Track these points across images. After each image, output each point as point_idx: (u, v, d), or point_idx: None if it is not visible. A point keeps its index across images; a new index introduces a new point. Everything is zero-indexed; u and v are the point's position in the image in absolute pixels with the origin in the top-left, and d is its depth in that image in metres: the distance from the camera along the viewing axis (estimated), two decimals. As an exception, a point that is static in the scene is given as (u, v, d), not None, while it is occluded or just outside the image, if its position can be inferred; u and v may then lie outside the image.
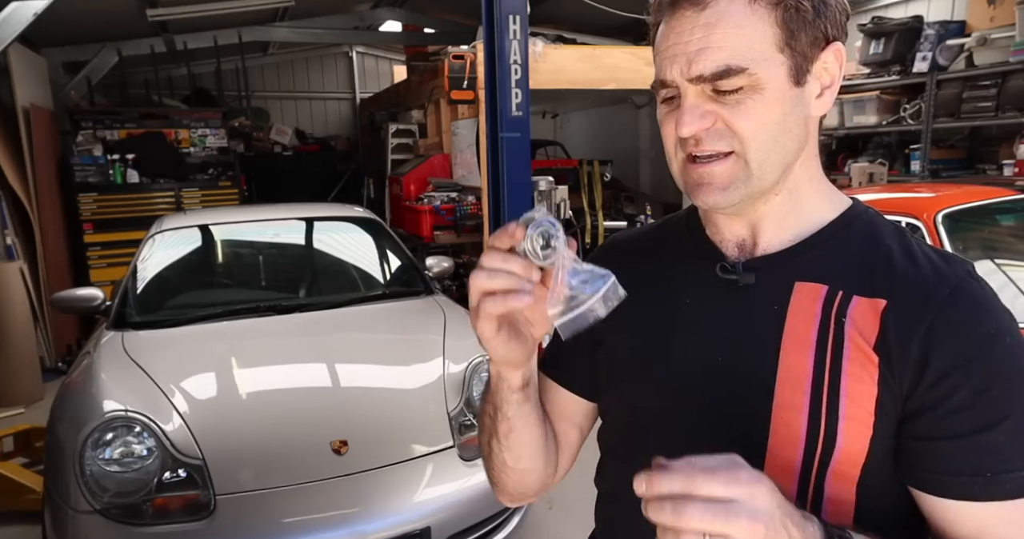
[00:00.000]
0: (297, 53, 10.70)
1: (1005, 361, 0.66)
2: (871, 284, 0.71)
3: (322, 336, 3.03)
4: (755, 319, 0.75)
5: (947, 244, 2.72)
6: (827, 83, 0.72)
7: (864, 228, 0.76)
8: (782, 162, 0.71)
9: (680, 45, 0.68)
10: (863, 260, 0.73)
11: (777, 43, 0.67)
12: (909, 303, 0.69)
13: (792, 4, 0.67)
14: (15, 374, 4.60)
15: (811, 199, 0.77)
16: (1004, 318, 0.69)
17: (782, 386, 0.71)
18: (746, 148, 0.69)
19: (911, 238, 0.76)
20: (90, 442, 2.17)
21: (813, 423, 0.69)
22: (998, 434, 0.64)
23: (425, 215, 6.08)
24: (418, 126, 8.21)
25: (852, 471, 0.70)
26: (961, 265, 0.72)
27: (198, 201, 6.46)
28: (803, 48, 0.68)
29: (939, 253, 0.74)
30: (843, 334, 0.70)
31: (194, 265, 3.69)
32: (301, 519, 2.13)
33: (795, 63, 0.68)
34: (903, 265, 0.72)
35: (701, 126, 0.69)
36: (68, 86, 6.98)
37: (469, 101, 5.45)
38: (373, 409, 2.55)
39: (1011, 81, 4.39)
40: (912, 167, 5.15)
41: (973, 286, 0.70)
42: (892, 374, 0.68)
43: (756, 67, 0.66)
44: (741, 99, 0.67)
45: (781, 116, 0.69)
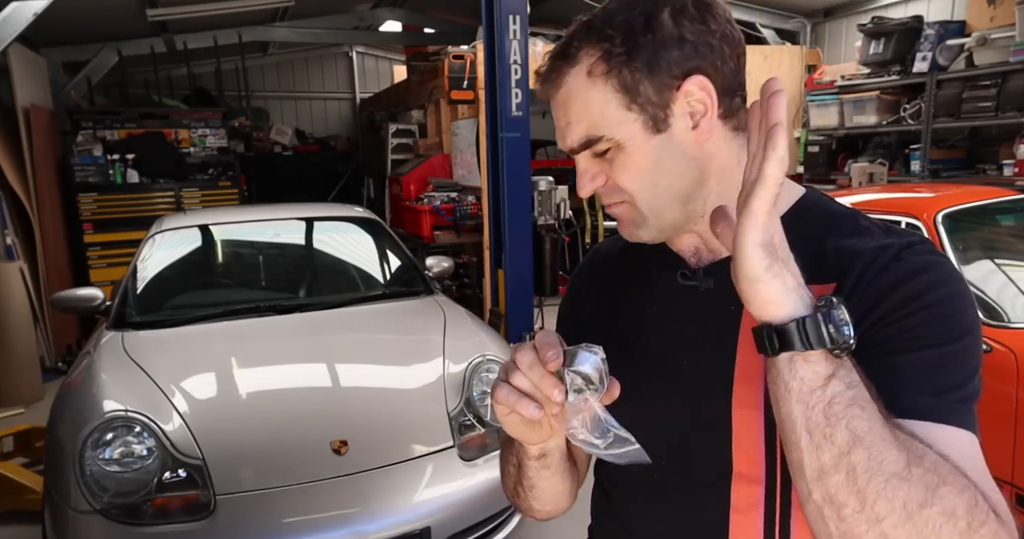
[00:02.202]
0: (297, 53, 10.70)
1: (939, 307, 0.67)
2: (822, 271, 0.71)
3: (322, 336, 3.03)
4: (715, 320, 0.77)
5: (947, 244, 2.72)
6: (701, 111, 0.72)
7: (816, 219, 0.77)
8: (675, 200, 0.75)
9: (557, 120, 0.76)
10: (811, 252, 0.73)
11: (623, 105, 0.71)
12: (855, 276, 0.70)
13: (620, 68, 0.70)
14: (15, 374, 4.61)
15: None
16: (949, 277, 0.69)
17: (739, 382, 0.74)
18: (634, 198, 0.75)
19: (863, 221, 0.76)
20: (90, 442, 2.17)
21: (769, 418, 0.71)
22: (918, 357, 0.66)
23: (425, 215, 6.08)
24: (418, 126, 8.22)
25: None
26: (907, 236, 0.73)
27: (198, 201, 6.46)
28: (650, 100, 0.71)
29: (889, 229, 0.75)
30: None
31: (194, 265, 3.69)
32: (301, 519, 2.13)
33: (648, 115, 0.71)
34: (851, 245, 0.72)
35: (593, 187, 0.77)
36: (68, 86, 6.98)
37: (469, 101, 5.46)
38: (373, 409, 2.55)
39: (1011, 81, 4.39)
40: (912, 167, 5.15)
41: (914, 251, 0.71)
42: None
43: (611, 131, 0.72)
44: (613, 157, 0.74)
45: (652, 165, 0.73)
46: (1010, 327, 2.50)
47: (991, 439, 2.58)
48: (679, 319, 0.82)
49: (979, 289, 2.67)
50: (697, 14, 0.70)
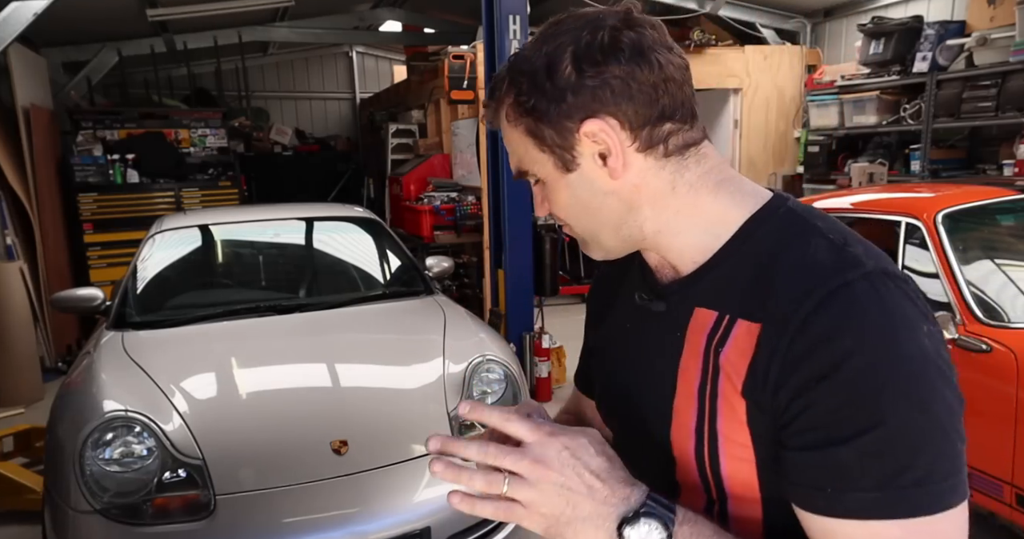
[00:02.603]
0: (297, 53, 10.70)
1: (859, 382, 0.61)
2: (754, 305, 0.69)
3: (322, 336, 3.03)
4: (663, 345, 0.78)
5: (947, 244, 2.72)
6: (607, 151, 0.73)
7: (765, 235, 0.73)
8: (604, 228, 0.78)
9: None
10: (752, 278, 0.71)
11: (534, 146, 0.75)
12: (776, 323, 0.66)
13: (525, 115, 0.73)
14: (15, 374, 4.61)
15: (698, 223, 0.76)
16: (874, 331, 0.63)
17: (677, 412, 0.75)
18: (568, 225, 0.81)
19: (815, 241, 0.70)
20: (90, 442, 2.17)
21: (699, 451, 0.73)
22: (845, 451, 0.61)
23: (425, 215, 6.08)
24: (418, 126, 8.22)
25: (749, 493, 0.71)
26: (847, 271, 0.66)
27: (198, 201, 6.46)
28: (555, 142, 0.73)
29: (839, 255, 0.68)
30: (718, 365, 0.71)
31: (194, 265, 3.69)
32: (301, 519, 2.13)
33: (557, 156, 0.74)
34: (784, 278, 0.68)
35: (544, 210, 0.81)
36: (68, 86, 6.98)
37: (469, 101, 5.45)
38: (373, 409, 2.55)
39: (1011, 81, 4.38)
40: (912, 167, 5.15)
41: (848, 292, 0.64)
42: (764, 405, 0.67)
43: (532, 167, 0.77)
44: (543, 189, 0.79)
45: (571, 199, 0.77)
46: (1010, 327, 2.50)
47: (991, 439, 2.59)
48: (635, 340, 0.85)
49: (979, 289, 2.67)
50: (600, 56, 0.70)
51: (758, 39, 6.60)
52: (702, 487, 0.74)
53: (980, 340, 2.48)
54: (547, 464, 0.64)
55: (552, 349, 4.52)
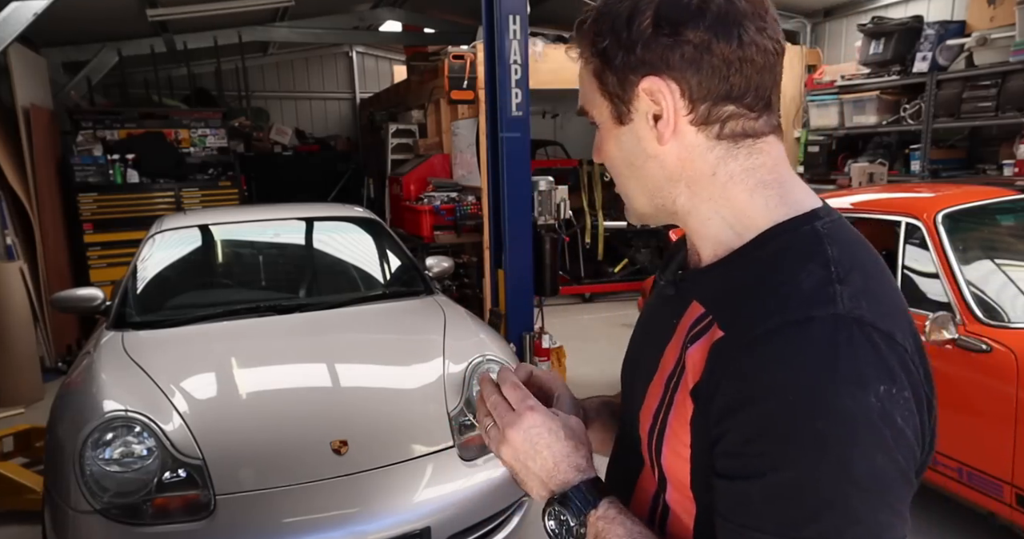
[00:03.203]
0: (297, 53, 10.70)
1: (779, 420, 0.60)
2: (730, 311, 0.69)
3: (322, 336, 3.03)
4: (661, 328, 0.79)
5: (947, 244, 2.72)
6: (660, 113, 0.72)
7: (775, 250, 0.71)
8: (640, 190, 0.78)
9: None
10: (743, 286, 0.70)
11: (599, 90, 0.76)
12: (731, 338, 0.66)
13: (596, 56, 0.74)
14: (15, 374, 4.61)
15: (724, 217, 0.74)
16: (812, 374, 0.60)
17: (649, 394, 0.78)
18: (612, 176, 0.81)
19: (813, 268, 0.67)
20: (90, 442, 2.17)
21: (651, 437, 0.76)
22: (752, 488, 0.61)
23: (425, 215, 6.08)
24: (418, 126, 8.22)
25: (683, 489, 0.73)
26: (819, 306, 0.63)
27: (198, 201, 6.46)
28: (615, 91, 0.74)
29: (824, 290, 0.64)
30: (684, 364, 0.72)
31: (194, 265, 3.69)
32: (301, 519, 2.13)
33: (614, 105, 0.75)
34: (761, 295, 0.67)
35: (597, 157, 0.82)
36: (68, 86, 6.98)
37: (469, 101, 5.46)
38: (373, 409, 2.55)
39: (1011, 81, 4.39)
40: (912, 167, 5.15)
41: (794, 334, 0.62)
42: (705, 413, 0.67)
43: (591, 109, 0.78)
44: (598, 134, 0.80)
45: (617, 152, 0.77)
46: (1010, 327, 2.50)
47: (991, 439, 2.59)
48: (648, 318, 0.89)
49: (979, 289, 2.67)
50: (682, 17, 0.68)
51: (758, 39, 6.59)
52: (653, 470, 0.77)
53: (980, 340, 2.48)
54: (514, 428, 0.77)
55: (552, 349, 4.52)
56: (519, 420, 0.77)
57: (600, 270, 7.40)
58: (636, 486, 0.81)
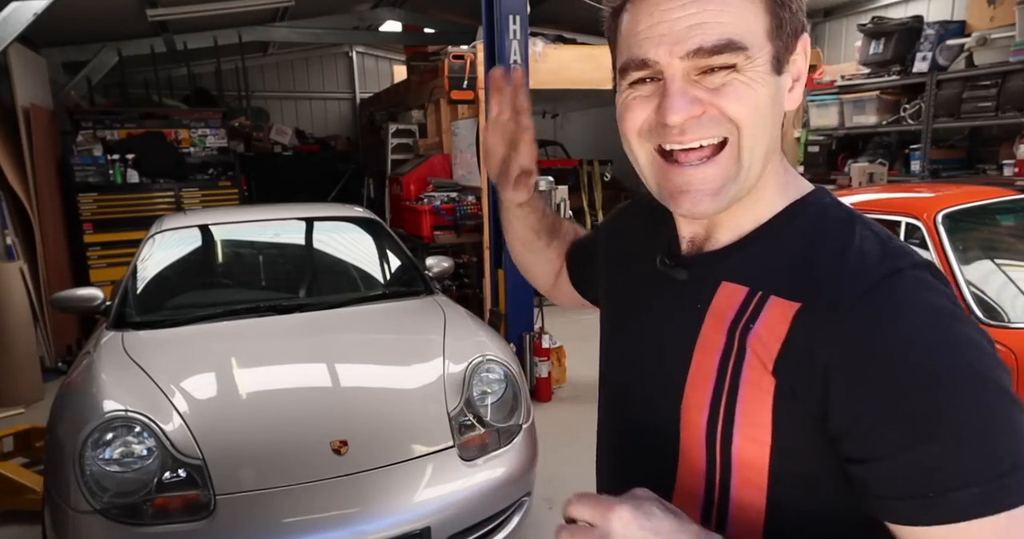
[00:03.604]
0: (297, 53, 10.70)
1: (935, 369, 0.58)
2: (792, 284, 0.67)
3: (322, 336, 3.03)
4: (679, 316, 0.75)
5: (947, 244, 2.72)
6: (796, 76, 0.70)
7: (809, 221, 0.71)
8: (765, 153, 0.69)
9: (667, 23, 0.64)
10: (793, 257, 0.69)
11: (766, 30, 0.65)
12: (820, 305, 0.63)
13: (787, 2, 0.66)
14: (15, 374, 4.60)
15: (771, 191, 0.73)
16: (936, 319, 0.60)
17: (690, 385, 0.72)
18: (741, 134, 0.66)
19: (860, 230, 0.68)
20: (90, 442, 2.17)
21: (711, 428, 0.69)
22: (931, 449, 0.57)
23: (425, 215, 6.08)
24: (418, 126, 8.21)
25: (758, 479, 0.68)
26: (897, 259, 0.64)
27: (198, 201, 6.46)
28: (785, 38, 0.67)
29: (885, 246, 0.66)
30: (747, 341, 0.67)
31: (194, 265, 3.69)
32: (301, 519, 2.12)
33: (777, 52, 0.67)
34: (829, 260, 0.66)
35: (692, 112, 0.65)
36: (68, 86, 6.98)
37: (469, 101, 5.45)
38: (373, 409, 2.55)
39: (1011, 81, 4.39)
40: (912, 167, 5.15)
41: (896, 284, 0.62)
42: (796, 388, 0.63)
43: (752, 49, 0.64)
44: (728, 81, 0.65)
45: (768, 101, 0.67)
46: (1010, 327, 2.50)
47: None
48: (652, 305, 0.80)
49: (979, 289, 2.67)
50: None
51: (758, 39, 6.59)
52: (706, 464, 0.71)
53: (980, 340, 2.47)
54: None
55: (552, 349, 4.52)
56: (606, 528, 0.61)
57: (600, 270, 7.38)
58: (676, 489, 0.74)
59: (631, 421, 0.82)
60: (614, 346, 0.89)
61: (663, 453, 0.75)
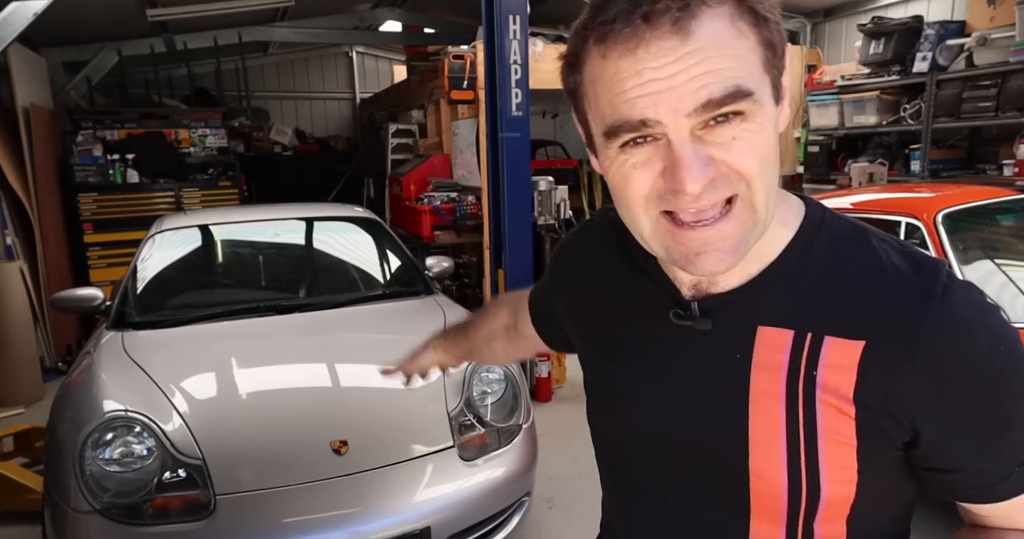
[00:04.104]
0: (297, 53, 10.70)
1: (1005, 370, 0.63)
2: (844, 320, 0.65)
3: (322, 336, 3.03)
4: (718, 369, 0.70)
5: (947, 244, 2.72)
6: (783, 95, 0.65)
7: (825, 246, 0.68)
8: (774, 192, 0.64)
9: (663, 80, 0.57)
10: (830, 290, 0.66)
11: (763, 63, 0.60)
12: (889, 341, 0.63)
13: (772, 20, 0.60)
14: (15, 374, 4.60)
15: (776, 226, 0.69)
16: (992, 321, 0.64)
17: (756, 444, 0.68)
18: (752, 189, 0.61)
19: (876, 245, 0.68)
20: (90, 442, 2.17)
21: (794, 481, 0.67)
22: (1013, 437, 0.64)
23: (425, 215, 6.08)
24: (418, 126, 8.21)
25: (841, 511, 0.70)
26: (933, 273, 0.65)
27: (198, 201, 6.46)
28: (780, 64, 0.62)
29: (908, 259, 0.66)
30: (815, 388, 0.65)
31: (194, 265, 3.69)
32: (301, 519, 2.12)
33: (774, 80, 0.62)
34: (875, 290, 0.65)
35: (709, 176, 0.59)
36: (68, 86, 6.97)
37: (469, 101, 5.45)
38: (373, 409, 2.55)
39: (1011, 81, 4.38)
40: (912, 167, 5.15)
41: (952, 302, 0.63)
42: (883, 425, 0.64)
43: (758, 91, 0.59)
44: (737, 134, 0.59)
45: (775, 142, 0.62)
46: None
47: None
48: (675, 359, 0.74)
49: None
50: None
51: (758, 39, 6.59)
52: (786, 514, 0.69)
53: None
54: None
55: (552, 349, 4.51)
56: None
57: (600, 270, 7.38)
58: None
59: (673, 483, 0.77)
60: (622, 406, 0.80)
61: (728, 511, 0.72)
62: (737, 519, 0.72)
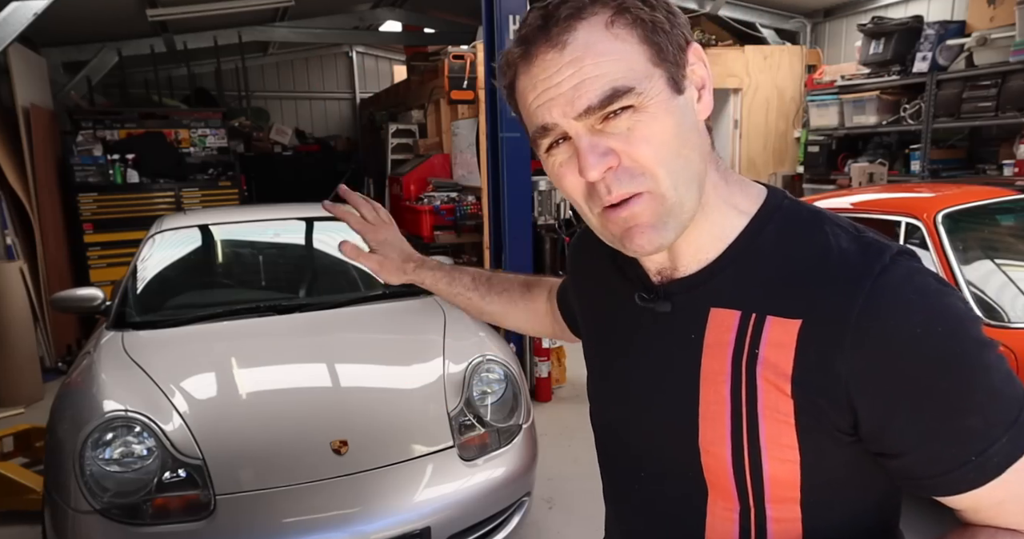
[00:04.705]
0: (297, 53, 10.70)
1: (945, 350, 0.62)
2: (785, 301, 0.67)
3: (322, 336, 3.03)
4: (675, 349, 0.75)
5: (947, 244, 2.72)
6: (700, 84, 0.70)
7: (777, 230, 0.72)
8: (693, 176, 0.68)
9: (552, 89, 0.66)
10: (776, 272, 0.69)
11: (649, 58, 0.66)
12: (823, 319, 0.64)
13: (647, 18, 0.66)
14: (15, 374, 4.60)
15: (719, 208, 0.73)
16: (933, 303, 0.63)
17: (704, 419, 0.72)
18: (657, 180, 0.66)
19: (830, 230, 0.69)
20: (90, 442, 2.17)
21: (737, 456, 0.70)
22: (966, 419, 0.62)
23: (425, 215, 6.09)
24: (418, 126, 8.22)
25: (791, 493, 0.70)
26: (879, 255, 0.66)
27: (198, 201, 6.46)
28: (673, 56, 0.67)
29: (859, 242, 0.68)
30: (755, 369, 0.68)
31: (194, 265, 3.69)
32: (301, 519, 2.12)
33: (671, 73, 0.67)
34: (816, 271, 0.67)
35: (607, 164, 0.66)
36: (68, 86, 6.97)
37: (469, 101, 5.45)
38: (373, 409, 2.55)
39: (1011, 81, 4.39)
40: (912, 167, 5.15)
41: (890, 280, 0.64)
42: (819, 404, 0.65)
43: (640, 85, 0.64)
44: (631, 125, 0.65)
45: (676, 128, 0.66)
46: (1010, 327, 2.50)
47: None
48: (641, 340, 0.80)
49: (979, 289, 2.67)
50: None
51: (758, 39, 6.60)
52: (736, 490, 0.72)
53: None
54: None
55: (552, 349, 4.52)
56: None
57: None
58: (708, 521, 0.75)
59: (644, 460, 0.81)
60: (604, 389, 0.87)
61: (688, 486, 0.75)
62: (696, 495, 0.75)
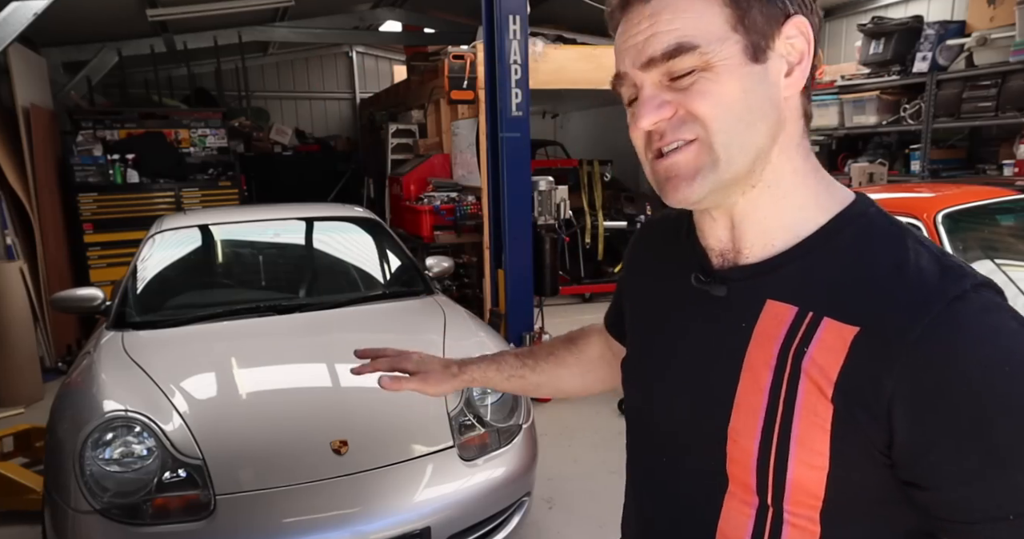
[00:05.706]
0: (297, 53, 10.70)
1: (1010, 393, 0.58)
2: (847, 305, 0.65)
3: (322, 336, 3.03)
4: (723, 334, 0.73)
5: (947, 244, 2.72)
6: (795, 60, 0.68)
7: (856, 234, 0.69)
8: (751, 144, 0.67)
9: (630, 39, 0.69)
10: (842, 275, 0.67)
11: (729, 22, 0.65)
12: (882, 332, 0.62)
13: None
14: (15, 374, 4.60)
15: (797, 196, 0.71)
16: (1005, 342, 0.60)
17: (738, 409, 0.70)
18: (709, 131, 0.67)
19: (912, 246, 0.67)
20: (90, 442, 2.17)
21: (764, 451, 0.68)
22: (1018, 474, 0.58)
23: (425, 215, 6.08)
24: (418, 126, 8.21)
25: (812, 501, 0.67)
26: (959, 280, 0.62)
27: (198, 201, 6.46)
28: (758, 25, 0.66)
29: (941, 263, 0.65)
30: (800, 367, 0.66)
31: (194, 265, 3.69)
32: (301, 519, 2.12)
33: (751, 41, 0.66)
34: (887, 282, 0.64)
35: (660, 116, 0.68)
36: (68, 86, 6.98)
37: (469, 101, 5.45)
38: (373, 409, 2.55)
39: (1011, 81, 4.38)
40: (912, 167, 5.15)
41: (965, 309, 0.61)
42: (858, 415, 0.63)
43: (708, 46, 0.65)
44: (695, 80, 0.66)
45: (742, 93, 0.66)
46: (1010, 327, 2.50)
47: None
48: (691, 322, 0.78)
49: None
50: None
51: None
52: (756, 487, 0.69)
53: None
54: None
55: (552, 349, 4.51)
56: None
57: (600, 270, 7.40)
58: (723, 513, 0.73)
59: (668, 445, 0.80)
60: (645, 367, 0.85)
61: (708, 476, 0.73)
62: (715, 486, 0.73)
